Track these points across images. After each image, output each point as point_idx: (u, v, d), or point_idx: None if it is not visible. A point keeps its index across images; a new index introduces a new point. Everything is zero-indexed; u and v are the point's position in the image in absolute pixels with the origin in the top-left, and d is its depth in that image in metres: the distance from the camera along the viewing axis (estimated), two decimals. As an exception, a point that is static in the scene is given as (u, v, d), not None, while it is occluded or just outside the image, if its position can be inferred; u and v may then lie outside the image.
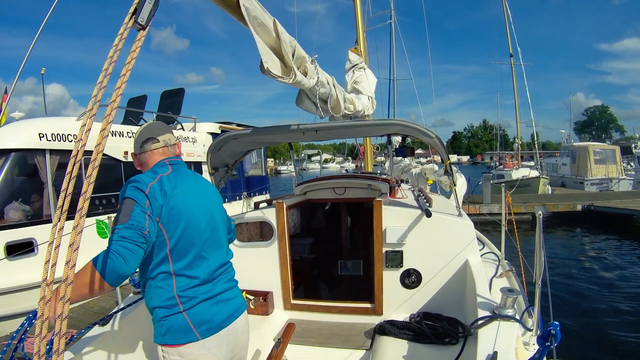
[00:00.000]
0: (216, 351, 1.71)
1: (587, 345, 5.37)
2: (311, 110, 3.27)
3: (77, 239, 1.18)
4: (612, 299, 7.19)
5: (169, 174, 1.73)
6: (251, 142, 3.42)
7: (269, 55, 1.97)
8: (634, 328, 5.88)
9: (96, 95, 1.23)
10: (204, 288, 1.72)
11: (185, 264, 1.68)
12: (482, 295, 2.28)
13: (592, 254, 10.55)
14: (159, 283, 1.66)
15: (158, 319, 1.66)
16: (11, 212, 5.26)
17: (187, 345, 1.64)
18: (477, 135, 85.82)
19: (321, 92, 2.97)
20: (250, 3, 1.81)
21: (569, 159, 24.73)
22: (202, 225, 1.76)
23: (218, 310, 1.74)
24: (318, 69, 2.76)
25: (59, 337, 1.13)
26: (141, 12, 1.29)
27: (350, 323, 3.06)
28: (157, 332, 1.68)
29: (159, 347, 1.68)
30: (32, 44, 5.44)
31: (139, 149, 1.86)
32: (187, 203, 1.71)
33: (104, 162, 6.37)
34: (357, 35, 7.10)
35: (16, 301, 4.88)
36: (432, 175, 6.70)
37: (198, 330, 1.65)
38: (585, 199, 15.72)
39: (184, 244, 1.67)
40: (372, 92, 4.55)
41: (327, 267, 4.33)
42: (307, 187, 3.96)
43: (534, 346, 2.12)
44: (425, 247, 2.94)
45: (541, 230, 2.36)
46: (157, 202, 1.60)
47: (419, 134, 3.10)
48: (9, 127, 5.84)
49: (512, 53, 24.97)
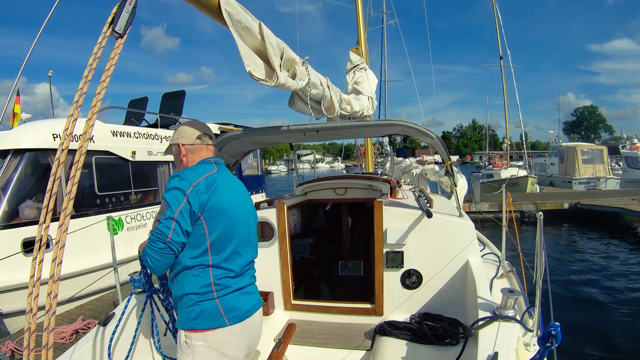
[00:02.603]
0: (239, 339, 1.80)
1: (587, 345, 5.34)
2: (304, 111, 3.22)
3: (63, 237, 1.22)
4: (608, 297, 7.19)
5: (215, 173, 1.82)
6: (252, 142, 3.37)
7: (252, 59, 1.92)
8: (634, 327, 5.87)
9: (77, 101, 1.30)
10: (235, 280, 1.82)
11: (223, 257, 1.78)
12: (483, 295, 2.25)
13: (585, 251, 10.62)
14: (195, 272, 1.74)
15: (189, 304, 1.73)
16: (26, 210, 5.34)
17: (215, 330, 1.72)
18: (467, 135, 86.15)
19: (313, 93, 2.91)
20: (232, 7, 1.76)
21: (557, 158, 24.98)
22: (240, 223, 1.86)
23: (244, 301, 1.84)
24: (309, 70, 2.70)
25: (47, 332, 1.16)
26: (118, 22, 1.32)
27: (350, 323, 3.02)
28: (184, 318, 1.75)
29: (182, 332, 1.75)
30: (32, 45, 5.50)
31: (193, 140, 1.92)
32: (228, 202, 1.80)
33: (113, 162, 6.51)
34: (359, 35, 7.07)
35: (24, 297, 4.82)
36: (433, 176, 6.67)
37: (227, 316, 1.74)
38: (572, 197, 15.88)
39: (223, 239, 1.77)
40: (372, 93, 4.49)
41: (328, 267, 4.28)
42: (307, 188, 3.91)
43: (534, 347, 2.10)
44: (426, 248, 2.90)
45: (542, 231, 2.34)
46: (200, 199, 1.69)
47: (419, 135, 3.07)
48: (24, 128, 5.91)
49: (501, 55, 25.09)
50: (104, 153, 6.35)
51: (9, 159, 5.38)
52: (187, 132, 1.93)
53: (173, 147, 1.98)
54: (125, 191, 6.76)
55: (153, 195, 7.44)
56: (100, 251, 5.58)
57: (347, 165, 67.79)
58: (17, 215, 5.30)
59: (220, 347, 1.74)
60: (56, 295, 1.19)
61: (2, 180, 5.26)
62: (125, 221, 6.57)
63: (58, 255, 1.18)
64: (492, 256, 3.78)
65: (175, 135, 1.97)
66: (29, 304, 1.18)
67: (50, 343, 1.14)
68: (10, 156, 5.40)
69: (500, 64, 25.22)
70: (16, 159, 5.41)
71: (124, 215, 6.56)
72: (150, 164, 7.37)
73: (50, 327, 1.15)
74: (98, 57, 1.29)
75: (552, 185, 23.83)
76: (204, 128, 1.97)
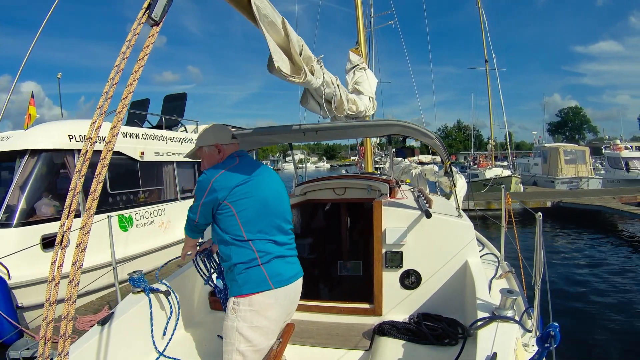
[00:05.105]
0: (282, 302, 1.97)
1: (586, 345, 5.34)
2: (315, 110, 3.18)
3: (85, 239, 1.14)
4: (602, 294, 7.23)
5: (236, 165, 2.04)
6: (252, 142, 3.31)
7: (280, 54, 1.87)
8: (633, 326, 5.89)
9: (107, 92, 1.20)
10: (276, 248, 2.01)
11: (259, 228, 1.96)
12: (482, 296, 2.22)
13: (570, 248, 10.75)
14: (239, 243, 1.95)
15: (238, 272, 1.93)
16: (44, 208, 5.46)
17: (262, 293, 1.91)
18: (451, 135, 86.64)
19: (326, 92, 2.88)
20: (260, 1, 1.70)
21: (540, 159, 25.28)
22: (270, 201, 2.03)
23: (287, 268, 2.03)
24: (323, 69, 2.65)
25: (64, 338, 1.09)
26: (155, 7, 1.23)
27: (349, 323, 2.97)
28: (233, 286, 1.97)
29: (231, 300, 1.95)
30: (31, 45, 5.46)
31: (228, 140, 2.19)
32: (254, 184, 1.99)
33: (123, 162, 6.71)
34: (358, 35, 7.02)
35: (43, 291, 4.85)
36: (433, 176, 6.64)
37: (272, 280, 1.92)
38: (554, 196, 16.14)
39: (253, 216, 1.96)
40: (372, 93, 4.42)
41: (327, 267, 4.23)
42: (307, 188, 3.86)
43: (533, 347, 2.07)
44: (425, 248, 2.86)
45: (541, 231, 2.32)
46: (223, 189, 1.93)
47: (419, 135, 3.03)
48: (40, 129, 6.03)
49: (487, 59, 25.23)
50: (115, 153, 6.46)
51: (26, 159, 5.51)
52: (222, 134, 2.18)
53: (207, 148, 2.16)
54: (134, 190, 6.95)
55: (158, 193, 7.61)
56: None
57: (332, 165, 67.70)
58: (35, 213, 5.43)
59: (263, 310, 1.91)
60: (74, 301, 1.13)
61: (20, 180, 5.41)
62: (135, 218, 6.76)
63: (83, 240, 1.11)
64: (491, 256, 3.75)
65: (208, 137, 2.17)
66: (45, 310, 1.11)
67: (66, 350, 1.09)
68: (27, 156, 5.52)
69: (486, 67, 25.39)
70: (33, 159, 5.54)
71: (134, 212, 6.75)
72: (157, 164, 7.57)
73: (66, 334, 1.10)
74: (132, 45, 1.19)
75: (536, 185, 24.13)
76: (230, 131, 2.27)
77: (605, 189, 19.32)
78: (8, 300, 4.53)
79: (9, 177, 5.60)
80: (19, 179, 5.39)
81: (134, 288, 2.44)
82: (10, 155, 5.60)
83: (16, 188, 5.34)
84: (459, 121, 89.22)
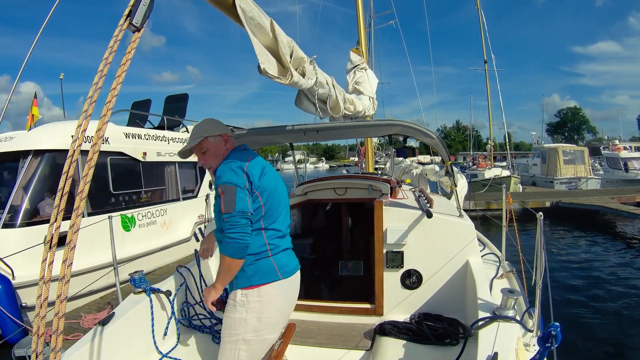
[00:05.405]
0: (288, 295, 2.04)
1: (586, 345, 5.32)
2: (310, 110, 3.17)
3: (74, 237, 1.18)
4: (602, 294, 7.21)
5: (255, 156, 2.08)
6: (252, 142, 3.31)
7: (266, 56, 1.89)
8: (633, 326, 5.87)
9: (92, 96, 1.23)
10: (282, 240, 2.06)
11: (272, 220, 2.00)
12: (483, 296, 2.22)
13: (570, 248, 10.75)
14: (253, 233, 1.92)
15: (247, 263, 1.92)
16: (47, 208, 5.42)
17: (270, 284, 1.94)
18: (450, 135, 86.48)
19: (320, 92, 2.88)
20: (246, 4, 1.70)
21: (539, 159, 25.23)
22: (282, 194, 2.11)
23: (291, 259, 2.11)
24: (317, 70, 2.65)
25: (56, 335, 1.12)
26: (135, 14, 1.28)
27: (350, 323, 2.96)
28: (242, 278, 1.94)
29: (239, 292, 1.94)
30: (32, 46, 5.49)
31: (229, 131, 2.22)
32: (271, 177, 2.04)
33: (126, 163, 6.70)
34: (359, 35, 7.01)
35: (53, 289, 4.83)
36: (433, 176, 6.63)
37: (280, 271, 1.97)
38: (553, 196, 16.10)
39: (272, 207, 2.00)
40: (373, 93, 4.43)
41: (328, 267, 4.22)
42: (308, 188, 3.86)
43: (534, 347, 2.07)
44: (426, 248, 2.86)
45: (542, 231, 2.32)
46: (256, 176, 1.93)
47: (420, 135, 3.02)
48: (44, 129, 6.03)
49: (486, 59, 25.11)
50: (117, 154, 6.51)
51: (30, 160, 5.49)
52: (221, 125, 2.17)
53: (213, 138, 2.09)
54: (137, 190, 6.97)
55: (160, 194, 7.63)
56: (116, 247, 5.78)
57: (331, 165, 67.38)
58: (38, 213, 5.42)
59: (271, 301, 1.94)
60: (66, 297, 1.18)
61: (24, 180, 5.39)
62: (137, 218, 6.78)
63: (72, 239, 1.16)
64: (492, 256, 3.74)
65: (212, 128, 2.11)
66: (38, 307, 1.17)
67: (58, 346, 1.12)
68: (31, 157, 5.50)
69: (485, 67, 25.28)
70: (37, 159, 5.52)
71: (137, 212, 6.77)
72: (159, 164, 7.59)
73: (59, 330, 1.13)
74: (114, 51, 1.24)
75: (535, 185, 24.09)
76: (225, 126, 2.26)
77: (604, 189, 19.26)
78: (12, 300, 4.55)
79: (12, 178, 5.59)
80: (22, 180, 5.40)
81: (135, 288, 2.42)
82: (13, 155, 5.59)
83: (20, 188, 5.34)
84: (458, 121, 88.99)
